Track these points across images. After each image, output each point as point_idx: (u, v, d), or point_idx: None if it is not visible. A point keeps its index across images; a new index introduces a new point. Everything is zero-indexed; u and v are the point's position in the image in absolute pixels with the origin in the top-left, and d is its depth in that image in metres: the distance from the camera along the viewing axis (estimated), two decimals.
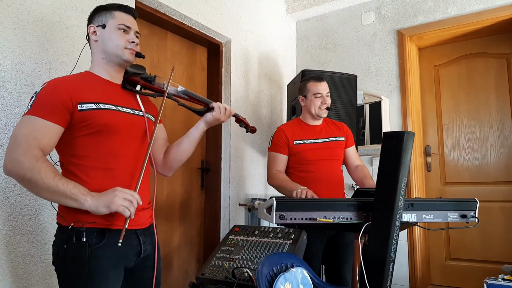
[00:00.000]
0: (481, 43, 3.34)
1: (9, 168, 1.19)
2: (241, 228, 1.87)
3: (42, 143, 1.22)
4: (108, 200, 1.20)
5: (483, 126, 3.28)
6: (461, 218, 1.65)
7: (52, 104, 1.24)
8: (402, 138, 1.37)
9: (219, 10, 3.05)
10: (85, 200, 1.19)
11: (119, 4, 1.46)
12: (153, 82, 1.51)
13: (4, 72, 1.76)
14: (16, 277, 1.73)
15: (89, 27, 1.43)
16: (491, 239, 3.15)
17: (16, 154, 1.18)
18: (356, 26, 3.68)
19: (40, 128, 1.22)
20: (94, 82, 1.39)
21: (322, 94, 2.31)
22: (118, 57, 1.40)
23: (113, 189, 1.23)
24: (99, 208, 1.20)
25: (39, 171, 1.17)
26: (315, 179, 2.25)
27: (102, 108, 1.32)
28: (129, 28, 1.42)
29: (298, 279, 1.42)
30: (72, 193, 1.19)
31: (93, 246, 1.25)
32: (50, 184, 1.17)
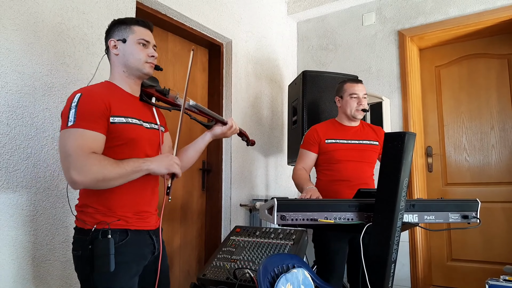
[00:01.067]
0: (482, 44, 3.34)
1: (80, 181, 1.26)
2: (242, 229, 1.87)
3: (94, 151, 1.31)
4: (167, 162, 1.40)
5: (485, 126, 3.28)
6: (462, 219, 1.65)
7: (95, 115, 1.32)
8: (403, 139, 1.37)
9: (220, 11, 3.05)
10: (148, 165, 1.37)
11: (137, 18, 1.52)
12: (167, 95, 1.58)
13: (5, 73, 1.76)
14: (20, 277, 1.73)
15: (109, 41, 1.49)
16: (492, 240, 3.14)
17: (79, 166, 1.25)
18: (357, 27, 3.68)
19: (91, 138, 1.30)
20: (120, 95, 1.46)
21: (359, 95, 2.31)
22: (138, 71, 1.47)
23: (166, 154, 1.44)
24: (161, 169, 1.39)
25: (107, 169, 1.28)
26: (341, 179, 2.26)
27: (130, 122, 1.41)
28: (148, 42, 1.49)
29: (299, 280, 1.42)
30: (136, 166, 1.34)
31: (117, 243, 1.34)
32: (120, 171, 1.31)
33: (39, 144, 1.86)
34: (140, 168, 1.35)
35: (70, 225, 1.93)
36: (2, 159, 1.72)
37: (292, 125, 3.17)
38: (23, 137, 1.80)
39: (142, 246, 1.43)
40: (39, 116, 1.87)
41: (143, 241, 1.43)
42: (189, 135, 2.84)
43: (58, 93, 1.95)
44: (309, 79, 2.94)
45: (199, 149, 1.70)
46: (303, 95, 2.93)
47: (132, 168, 1.33)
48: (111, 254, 1.30)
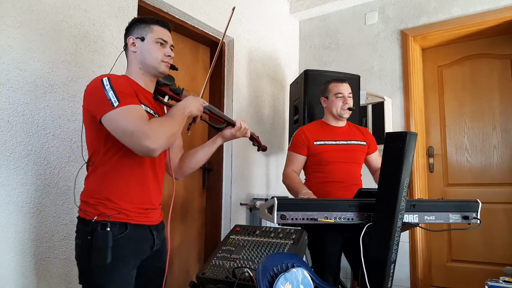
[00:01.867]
0: (485, 44, 3.33)
1: (156, 145, 1.30)
2: (242, 228, 1.87)
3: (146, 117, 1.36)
4: (199, 105, 1.50)
5: (487, 127, 3.27)
6: (463, 220, 1.64)
7: (132, 93, 1.39)
8: (404, 139, 1.36)
9: (222, 10, 3.05)
10: (189, 110, 1.46)
11: (157, 18, 1.54)
12: (181, 95, 1.60)
13: (7, 70, 1.76)
14: (20, 275, 1.74)
15: (128, 38, 1.52)
16: (493, 241, 3.13)
17: (148, 133, 1.28)
18: (359, 26, 3.67)
19: (140, 111, 1.36)
20: (139, 88, 1.49)
21: (344, 95, 2.32)
22: (154, 69, 1.50)
23: (188, 97, 1.51)
24: (196, 112, 1.48)
25: (167, 125, 1.36)
26: (332, 181, 2.27)
27: (149, 112, 1.44)
28: (166, 42, 1.52)
29: (298, 279, 1.42)
30: (182, 112, 1.43)
31: (115, 236, 1.35)
32: (177, 121, 1.40)
33: (39, 142, 1.86)
34: (185, 114, 1.43)
35: (70, 222, 1.93)
36: (2, 156, 1.72)
37: (293, 124, 3.16)
38: (24, 134, 1.80)
39: (142, 241, 1.44)
40: (40, 114, 1.87)
41: (143, 235, 1.44)
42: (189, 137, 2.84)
43: (59, 90, 1.95)
44: (311, 78, 2.93)
45: (209, 152, 1.72)
46: (304, 94, 2.92)
47: (181, 115, 1.41)
48: (109, 246, 1.32)
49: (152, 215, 1.49)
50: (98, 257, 1.31)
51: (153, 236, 1.49)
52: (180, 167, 1.71)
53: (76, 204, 1.44)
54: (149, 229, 1.48)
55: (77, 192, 1.48)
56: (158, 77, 1.55)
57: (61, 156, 1.93)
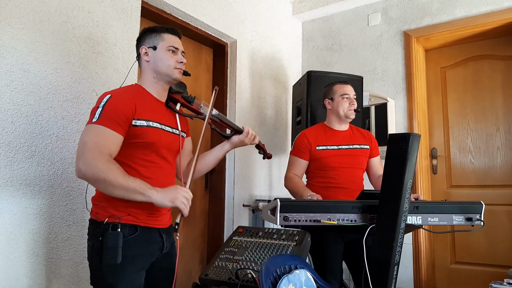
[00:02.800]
0: (488, 45, 3.32)
1: (84, 171, 1.32)
2: (245, 229, 1.87)
3: (110, 150, 1.37)
4: (172, 195, 1.37)
5: (490, 128, 3.26)
6: (466, 221, 1.64)
7: (119, 117, 1.40)
8: (408, 140, 1.36)
9: (224, 11, 3.05)
10: (152, 194, 1.35)
11: (167, 26, 1.59)
12: (192, 103, 1.64)
13: (11, 71, 1.77)
14: (23, 275, 1.74)
15: (140, 48, 1.56)
16: (497, 243, 3.12)
17: (89, 158, 1.32)
18: (362, 27, 3.67)
19: (109, 137, 1.37)
20: (147, 98, 1.53)
21: (350, 96, 2.30)
22: (168, 76, 1.54)
23: (175, 186, 1.41)
24: (164, 202, 1.36)
25: (112, 172, 1.32)
26: (335, 186, 2.25)
27: (151, 126, 1.48)
28: (177, 49, 1.56)
29: (301, 281, 1.42)
30: (141, 188, 1.34)
31: (126, 237, 1.39)
32: (122, 182, 1.32)
33: (43, 143, 1.86)
34: (144, 193, 1.34)
35: (74, 223, 1.93)
36: (6, 157, 1.73)
37: (296, 125, 3.16)
38: (28, 135, 1.81)
39: (151, 243, 1.48)
40: (43, 115, 1.88)
41: (152, 238, 1.49)
42: None
43: (63, 91, 1.96)
44: (314, 79, 2.93)
45: (217, 157, 1.76)
46: (307, 95, 2.92)
47: (136, 187, 1.33)
48: (119, 247, 1.35)
49: (161, 218, 1.53)
50: (108, 257, 1.35)
51: (162, 239, 1.53)
52: (187, 171, 1.72)
53: (87, 208, 1.49)
54: (158, 232, 1.52)
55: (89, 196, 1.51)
56: (171, 84, 1.60)
57: (64, 157, 1.94)
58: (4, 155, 1.72)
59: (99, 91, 2.10)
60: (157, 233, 1.51)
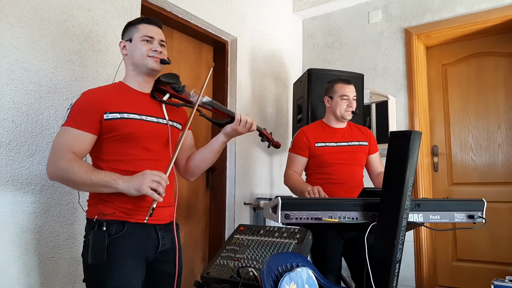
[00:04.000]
0: (490, 42, 3.31)
1: (50, 173, 1.37)
2: (246, 227, 1.86)
3: (75, 148, 1.37)
4: (137, 183, 1.31)
5: (491, 126, 3.25)
6: (468, 219, 1.63)
7: (84, 115, 1.39)
8: (409, 138, 1.35)
9: (225, 9, 3.04)
10: (117, 184, 1.32)
11: (144, 17, 1.57)
12: (181, 92, 1.58)
13: (11, 70, 1.76)
14: (24, 274, 1.74)
15: (120, 43, 1.55)
16: (498, 240, 3.11)
17: (54, 160, 1.35)
18: (363, 24, 3.66)
19: (74, 137, 1.38)
20: (124, 92, 1.51)
21: (349, 97, 2.30)
22: (144, 66, 1.50)
23: (142, 172, 1.34)
24: (130, 191, 1.32)
25: (73, 171, 1.31)
26: (334, 182, 2.25)
27: (126, 117, 1.43)
28: (152, 38, 1.52)
29: (303, 279, 1.41)
30: (105, 181, 1.32)
31: (112, 235, 1.37)
32: (85, 179, 1.32)
33: (44, 141, 1.86)
34: (109, 185, 1.32)
35: (75, 222, 1.93)
36: (7, 156, 1.73)
37: (297, 123, 3.16)
38: (29, 134, 1.81)
39: (142, 240, 1.42)
40: (44, 114, 1.87)
41: (144, 235, 1.43)
42: None
43: (64, 90, 1.96)
44: (315, 77, 2.92)
45: (213, 151, 1.65)
46: (308, 93, 2.91)
47: (99, 181, 1.32)
48: (103, 245, 1.34)
49: (157, 213, 1.44)
50: (93, 255, 1.34)
51: (158, 235, 1.47)
52: (186, 167, 1.69)
53: (80, 204, 1.49)
54: (154, 228, 1.46)
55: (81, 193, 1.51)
56: (152, 75, 1.54)
57: None
58: (5, 154, 1.72)
59: None
60: (152, 229, 1.45)
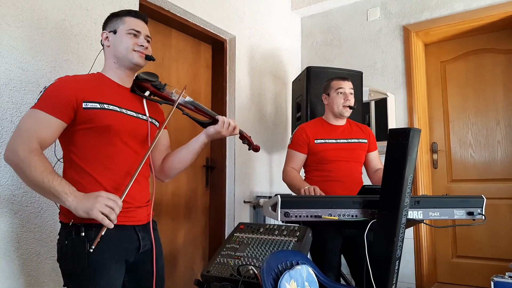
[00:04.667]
0: (489, 39, 3.31)
1: (6, 155, 1.25)
2: (246, 225, 1.87)
3: (41, 136, 1.26)
4: (88, 205, 1.19)
5: (490, 122, 3.25)
6: (467, 216, 1.64)
7: (57, 100, 1.29)
8: (408, 135, 1.36)
9: (223, 7, 3.04)
10: (66, 200, 1.21)
11: (130, 10, 1.51)
12: (162, 90, 1.53)
13: (9, 70, 1.76)
14: (24, 273, 1.74)
15: (102, 33, 1.48)
16: (498, 237, 3.12)
17: (15, 144, 1.24)
18: (361, 22, 3.65)
19: (43, 121, 1.27)
20: (103, 83, 1.43)
21: (345, 91, 2.30)
22: (128, 60, 1.44)
23: (97, 193, 1.22)
24: (78, 211, 1.20)
25: (29, 164, 1.20)
26: (333, 179, 2.26)
27: (106, 108, 1.36)
28: (139, 32, 1.46)
29: (303, 276, 1.42)
30: (56, 190, 1.20)
31: (92, 240, 1.25)
32: (37, 178, 1.20)
33: None
34: (58, 196, 1.20)
35: None
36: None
37: (296, 121, 3.16)
38: None
39: (124, 243, 1.36)
40: None
41: (125, 237, 1.36)
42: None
43: None
44: (313, 75, 2.92)
45: (192, 151, 1.58)
46: (307, 91, 2.91)
47: (50, 187, 1.19)
48: (84, 252, 1.25)
49: (135, 214, 1.39)
50: (75, 263, 1.27)
51: (138, 237, 1.41)
52: (162, 167, 1.61)
53: (57, 205, 1.36)
54: (133, 230, 1.40)
55: None
56: (134, 70, 1.49)
57: None
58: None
59: None
60: (132, 230, 1.39)
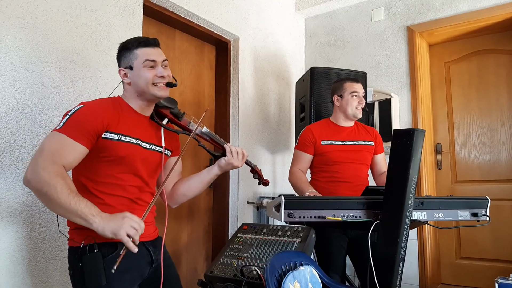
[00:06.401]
0: (493, 39, 3.29)
1: (29, 178, 1.22)
2: (249, 226, 1.87)
3: (66, 161, 1.27)
4: (116, 226, 1.21)
5: (495, 123, 3.24)
6: (471, 217, 1.63)
7: (84, 127, 1.30)
8: (412, 136, 1.35)
9: (227, 8, 3.05)
10: (93, 221, 1.21)
11: (138, 39, 1.47)
12: (181, 119, 1.54)
13: (15, 71, 1.77)
14: (29, 273, 1.75)
15: (119, 70, 1.47)
16: (502, 238, 3.10)
17: (39, 166, 1.22)
18: (365, 22, 3.65)
19: (68, 147, 1.27)
20: (125, 112, 1.43)
21: (359, 94, 2.31)
22: (150, 95, 1.43)
23: (123, 214, 1.24)
24: (105, 232, 1.22)
25: (56, 187, 1.19)
26: (339, 181, 2.26)
27: (123, 140, 1.38)
28: (155, 61, 1.43)
29: (307, 277, 1.41)
30: (83, 212, 1.21)
31: (106, 256, 1.29)
32: (64, 201, 1.20)
33: None
34: (85, 218, 1.21)
35: None
36: (11, 157, 1.74)
37: (299, 122, 3.16)
38: (33, 135, 1.82)
39: (137, 257, 1.36)
40: (48, 114, 1.88)
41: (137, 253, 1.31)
42: None
43: (67, 90, 1.97)
44: (317, 75, 2.92)
45: (203, 181, 1.62)
46: (310, 91, 2.91)
47: (77, 210, 1.20)
48: (100, 268, 1.26)
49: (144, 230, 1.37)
50: (91, 281, 1.27)
51: (149, 252, 1.44)
52: (172, 193, 1.64)
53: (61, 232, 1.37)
54: (143, 245, 1.42)
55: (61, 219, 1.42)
56: (156, 101, 1.49)
57: None
58: (9, 155, 1.73)
59: (102, 90, 2.11)
60: (143, 247, 1.41)
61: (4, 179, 1.71)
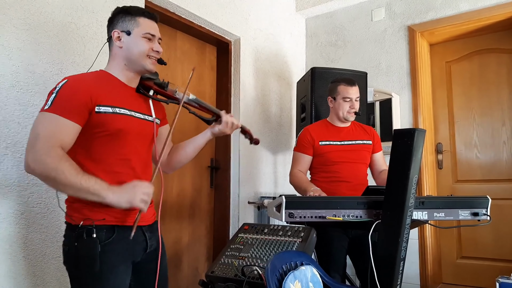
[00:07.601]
0: (494, 39, 3.29)
1: (33, 167, 1.21)
2: (250, 226, 1.87)
3: (64, 142, 1.25)
4: (130, 196, 1.26)
5: (496, 123, 3.24)
6: (472, 216, 1.63)
7: (73, 103, 1.27)
8: (413, 136, 1.36)
9: (228, 9, 3.05)
10: (107, 195, 1.24)
11: (142, 9, 1.46)
12: (166, 88, 1.53)
13: (16, 72, 1.78)
14: (30, 274, 1.76)
15: (113, 32, 1.42)
16: (503, 237, 3.10)
17: (40, 153, 1.20)
18: (366, 22, 3.65)
19: (62, 127, 1.25)
20: (112, 84, 1.40)
21: (352, 99, 2.31)
22: (141, 66, 1.42)
23: (132, 184, 1.29)
24: (121, 203, 1.26)
25: (63, 170, 1.20)
26: (339, 181, 2.27)
27: (118, 112, 1.35)
28: (154, 36, 1.43)
29: (307, 277, 1.42)
30: (95, 189, 1.23)
31: (103, 242, 1.28)
32: (74, 181, 1.21)
33: None
34: (98, 193, 1.23)
35: None
36: (13, 158, 1.75)
37: (300, 122, 3.16)
38: None
39: (133, 243, 1.35)
40: None
41: (133, 238, 1.32)
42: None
43: None
44: (318, 75, 2.93)
45: (198, 146, 1.65)
46: (311, 92, 2.91)
47: (89, 188, 1.21)
48: (96, 254, 1.26)
49: (143, 214, 1.38)
50: (85, 265, 1.26)
51: (146, 237, 1.43)
52: (168, 161, 1.65)
53: (60, 208, 1.37)
54: (141, 230, 1.41)
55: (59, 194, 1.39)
56: (143, 73, 1.47)
57: None
58: (11, 156, 1.74)
59: None
60: (140, 231, 1.40)
61: (6, 180, 1.72)
